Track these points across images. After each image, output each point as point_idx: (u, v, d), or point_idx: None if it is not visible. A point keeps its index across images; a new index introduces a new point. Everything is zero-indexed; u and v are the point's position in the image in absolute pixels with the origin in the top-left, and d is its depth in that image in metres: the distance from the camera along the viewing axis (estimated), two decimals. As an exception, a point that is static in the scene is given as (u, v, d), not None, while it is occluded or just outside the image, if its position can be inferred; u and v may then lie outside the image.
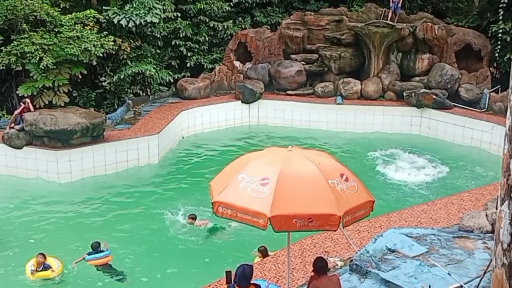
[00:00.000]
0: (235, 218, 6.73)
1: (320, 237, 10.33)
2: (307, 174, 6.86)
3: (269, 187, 6.64)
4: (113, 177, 15.93)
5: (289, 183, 6.71)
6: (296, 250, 9.88)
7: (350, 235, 10.34)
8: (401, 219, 11.27)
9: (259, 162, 7.13)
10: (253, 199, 6.62)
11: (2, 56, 16.34)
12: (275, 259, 9.69)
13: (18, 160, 15.59)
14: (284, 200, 6.59)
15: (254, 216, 6.54)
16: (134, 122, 18.10)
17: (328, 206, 6.66)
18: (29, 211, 13.91)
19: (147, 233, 12.80)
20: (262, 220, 6.48)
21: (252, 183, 6.74)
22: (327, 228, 6.79)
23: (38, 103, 16.65)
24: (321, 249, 9.98)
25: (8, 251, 11.98)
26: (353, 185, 7.11)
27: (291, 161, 7.02)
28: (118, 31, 18.77)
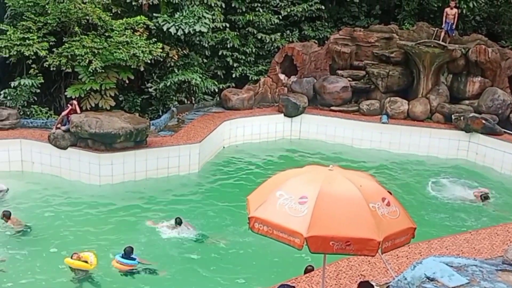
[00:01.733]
0: (270, 235, 6.61)
1: (357, 259, 10.05)
2: (347, 196, 6.69)
3: (307, 206, 6.50)
4: (153, 182, 16.03)
5: (328, 204, 6.55)
6: (331, 271, 9.63)
7: (388, 260, 10.01)
8: (442, 247, 10.85)
9: (299, 180, 7.00)
10: (290, 217, 6.49)
11: (53, 57, 16.75)
12: (309, 279, 9.48)
13: (62, 160, 15.91)
14: (322, 220, 6.43)
15: (290, 235, 6.41)
16: (177, 130, 18.23)
17: (367, 230, 6.47)
18: (69, 210, 14.15)
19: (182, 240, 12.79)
20: (298, 240, 6.34)
21: (290, 201, 6.62)
22: (365, 253, 6.60)
23: (85, 106, 16.97)
24: (358, 272, 9.70)
25: (47, 249, 12.18)
26: (395, 210, 6.90)
27: (332, 181, 6.85)
28: (167, 38, 19.01)
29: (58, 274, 11.18)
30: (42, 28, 17.18)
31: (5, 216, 12.81)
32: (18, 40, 16.63)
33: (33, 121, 17.31)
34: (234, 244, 12.65)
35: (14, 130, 16.66)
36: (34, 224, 13.23)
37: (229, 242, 12.75)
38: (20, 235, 12.70)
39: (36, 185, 15.50)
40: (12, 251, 11.92)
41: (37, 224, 13.24)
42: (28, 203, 14.40)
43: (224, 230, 13.36)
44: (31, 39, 16.68)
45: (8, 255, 11.67)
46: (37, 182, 15.66)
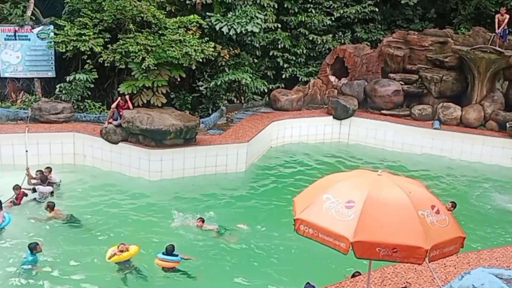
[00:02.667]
0: (316, 238, 6.55)
1: (403, 267, 9.83)
2: (395, 202, 6.57)
3: (354, 211, 6.41)
4: (201, 180, 16.19)
5: (375, 209, 6.45)
6: (376, 277, 9.46)
7: (435, 269, 9.75)
8: (492, 258, 10.47)
9: (346, 184, 6.91)
10: (336, 221, 6.42)
11: (108, 53, 17.18)
12: (354, 284, 9.34)
13: (113, 155, 16.31)
14: (368, 226, 6.34)
15: (336, 239, 6.34)
16: (225, 128, 18.37)
17: (415, 238, 6.35)
18: (118, 204, 14.48)
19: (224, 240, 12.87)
20: (344, 244, 6.26)
21: (337, 205, 6.55)
22: (411, 261, 6.47)
23: (137, 102, 17.31)
24: (403, 280, 9.48)
25: (93, 240, 12.48)
26: (444, 219, 6.74)
27: (380, 186, 6.74)
28: (219, 38, 19.18)
29: (103, 265, 11.43)
30: (98, 25, 17.65)
31: (49, 207, 13.28)
32: (75, 35, 17.16)
33: (86, 115, 17.82)
34: (276, 246, 12.58)
35: (68, 124, 17.21)
36: (83, 215, 13.61)
37: (271, 243, 12.70)
38: (66, 225, 13.07)
39: (87, 178, 15.95)
40: (59, 241, 12.28)
41: (85, 216, 13.62)
42: (78, 195, 14.82)
43: (267, 231, 13.28)
44: (87, 35, 17.17)
45: (54, 245, 12.00)
46: (88, 175, 16.11)
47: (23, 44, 18.23)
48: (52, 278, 10.93)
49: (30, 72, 18.48)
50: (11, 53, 18.24)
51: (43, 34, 18.11)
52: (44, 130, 16.56)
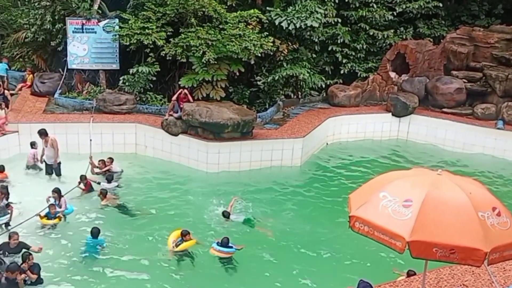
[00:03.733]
0: (371, 236, 6.52)
1: (460, 268, 9.58)
2: (455, 202, 6.43)
3: (411, 210, 6.33)
4: (256, 174, 16.37)
5: (433, 209, 6.34)
6: (432, 278, 9.27)
7: (494, 272, 9.45)
8: (556, 264, 10.03)
9: (404, 182, 6.82)
10: (393, 220, 6.36)
11: (169, 47, 17.57)
12: (408, 284, 9.20)
13: (172, 146, 16.74)
14: (426, 225, 6.25)
15: (392, 238, 6.28)
16: (282, 123, 18.44)
17: (474, 239, 6.20)
18: (175, 194, 14.86)
19: (286, 232, 12.96)
20: (400, 243, 6.20)
21: (394, 203, 6.48)
22: (469, 263, 6.34)
23: (197, 95, 17.62)
24: (460, 282, 9.25)
25: (149, 227, 12.90)
26: (506, 221, 6.54)
27: (439, 185, 6.61)
28: (278, 32, 19.21)
29: (158, 251, 11.86)
30: (161, 19, 18.08)
31: (102, 194, 13.83)
32: (138, 29, 17.66)
33: (148, 107, 18.34)
34: (328, 242, 12.56)
35: (131, 115, 17.78)
36: (140, 203, 14.09)
37: (323, 239, 12.68)
38: (119, 212, 13.57)
39: (147, 168, 16.48)
40: (114, 227, 12.73)
41: (142, 204, 14.09)
42: (138, 184, 15.34)
43: (320, 227, 13.27)
44: (150, 29, 17.64)
45: (110, 231, 12.43)
46: (148, 165, 16.64)
47: (89, 37, 18.97)
48: (111, 261, 11.41)
49: (95, 64, 19.21)
50: (78, 45, 19.02)
51: (108, 27, 18.76)
52: (108, 121, 17.21)
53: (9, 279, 9.46)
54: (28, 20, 20.76)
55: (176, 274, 11.13)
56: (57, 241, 11.95)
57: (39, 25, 20.00)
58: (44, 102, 18.87)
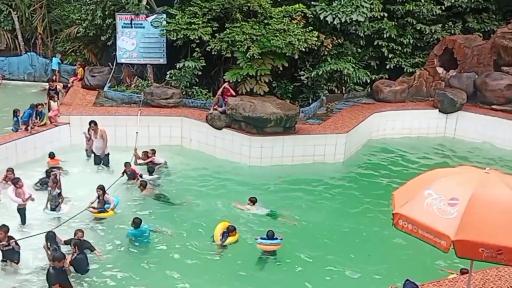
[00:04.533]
0: (415, 234, 6.47)
1: (508, 270, 9.35)
2: (503, 202, 6.30)
3: (457, 209, 6.24)
4: (299, 169, 16.37)
5: (480, 208, 6.24)
6: (477, 279, 9.08)
7: (544, 276, 9.19)
8: None
9: (450, 180, 6.72)
10: (437, 218, 6.29)
11: (215, 42, 17.77)
12: (453, 284, 9.06)
13: (216, 140, 16.96)
14: (472, 225, 6.15)
15: (436, 236, 6.22)
16: (325, 118, 18.36)
17: (523, 241, 6.04)
18: (218, 186, 15.08)
19: (321, 228, 12.97)
20: (445, 242, 6.13)
21: (439, 201, 6.41)
22: (518, 265, 6.18)
23: (241, 90, 17.78)
24: (507, 284, 9.03)
25: (193, 220, 13.13)
26: (558, 223, 6.32)
27: (487, 184, 6.49)
28: (323, 27, 19.11)
29: (202, 244, 12.08)
30: (207, 14, 18.29)
31: (142, 185, 14.19)
32: (185, 24, 17.93)
33: (193, 101, 18.62)
34: (370, 239, 12.49)
35: (177, 109, 18.10)
36: (182, 194, 14.38)
37: (366, 237, 12.61)
38: (160, 203, 13.89)
39: (191, 160, 16.77)
40: (157, 219, 13.02)
41: (184, 195, 14.37)
42: (181, 176, 15.66)
43: (362, 224, 13.18)
44: (196, 24, 17.88)
45: (153, 223, 12.72)
46: (193, 158, 16.93)
47: (138, 31, 19.39)
48: (155, 251, 11.75)
49: (143, 58, 19.64)
50: (127, 40, 19.49)
51: (156, 23, 19.13)
52: (155, 114, 17.60)
53: (56, 268, 9.68)
54: (80, 16, 21.45)
55: (222, 266, 11.33)
56: (102, 232, 12.34)
57: (90, 21, 20.64)
58: (94, 95, 19.47)
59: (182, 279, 10.71)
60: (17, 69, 23.61)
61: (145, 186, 14.19)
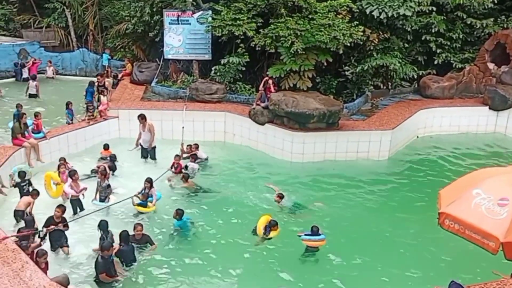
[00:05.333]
0: (461, 235, 6.35)
1: (561, 275, 9.01)
2: (556, 203, 6.07)
3: (507, 209, 6.09)
4: (342, 165, 16.24)
5: (532, 210, 6.03)
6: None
7: None
8: None
9: (500, 180, 6.55)
10: (486, 219, 6.15)
11: (259, 37, 17.81)
12: (501, 287, 8.80)
13: (259, 135, 17.04)
14: (523, 227, 5.96)
15: (484, 237, 6.09)
16: (369, 115, 18.12)
17: None
18: (258, 180, 15.14)
19: (367, 227, 12.84)
20: (493, 244, 5.99)
21: (488, 201, 6.26)
22: None
23: (284, 85, 17.77)
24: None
25: (234, 213, 13.27)
26: None
27: (539, 185, 6.27)
28: (369, 21, 18.81)
29: (243, 237, 12.18)
30: (252, 10, 18.35)
31: (184, 178, 14.43)
32: (230, 20, 18.05)
33: (237, 97, 18.76)
34: (414, 239, 12.23)
35: (221, 104, 18.28)
36: (224, 188, 14.54)
37: (410, 236, 12.36)
38: (204, 197, 14.08)
39: (234, 155, 16.92)
40: (199, 212, 13.22)
41: (227, 189, 14.52)
42: (223, 170, 15.83)
43: (406, 223, 12.92)
44: (241, 20, 17.97)
45: (195, 215, 12.94)
46: (235, 153, 17.09)
47: (184, 28, 19.66)
48: (197, 243, 11.95)
49: (189, 54, 19.91)
50: (174, 36, 19.79)
51: (202, 19, 19.34)
52: (200, 109, 17.84)
53: (104, 257, 9.97)
54: (129, 13, 21.94)
55: (264, 259, 11.40)
56: (146, 225, 12.49)
57: (138, 17, 21.11)
58: (142, 90, 19.92)
59: (224, 269, 10.85)
60: (69, 64, 24.46)
61: (187, 179, 14.42)
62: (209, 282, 10.50)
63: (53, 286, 8.36)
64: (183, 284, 10.41)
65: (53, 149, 15.52)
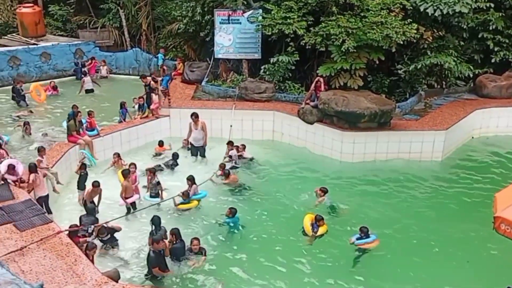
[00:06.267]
0: (517, 240, 6.08)
1: None
2: None
3: None
4: (393, 166, 15.94)
5: None
6: None
7: None
8: None
9: (560, 184, 6.24)
10: (544, 224, 5.86)
11: (310, 36, 17.66)
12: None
13: (308, 134, 16.94)
14: None
15: (541, 243, 5.80)
16: (423, 114, 17.69)
17: None
18: (307, 181, 15.05)
19: (415, 229, 12.56)
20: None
21: (547, 206, 5.97)
22: None
23: (334, 84, 17.58)
24: None
25: (278, 212, 13.33)
26: None
27: None
28: (423, 19, 18.34)
29: (290, 235, 12.23)
30: (303, 8, 18.23)
31: (224, 174, 14.51)
32: (280, 19, 17.99)
33: (286, 96, 18.70)
34: (467, 244, 11.87)
35: (269, 103, 18.28)
36: (271, 187, 14.57)
37: (463, 240, 12.00)
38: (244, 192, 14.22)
39: (282, 154, 16.92)
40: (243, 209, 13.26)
41: (273, 188, 14.55)
42: (270, 168, 15.85)
43: (459, 227, 12.54)
44: (291, 18, 17.88)
45: (242, 213, 12.94)
46: (284, 152, 17.07)
47: (234, 27, 19.77)
48: (246, 240, 12.09)
49: (239, 53, 20.01)
50: (224, 36, 19.94)
51: (252, 18, 19.40)
52: (248, 108, 17.91)
53: (156, 252, 10.14)
54: (181, 12, 22.29)
55: (314, 257, 11.41)
56: (192, 223, 12.74)
57: (190, 17, 21.41)
58: (192, 89, 20.17)
59: (275, 269, 10.94)
60: (123, 63, 25.08)
61: (228, 176, 14.51)
62: (260, 278, 10.58)
63: (104, 280, 8.60)
64: (233, 280, 10.51)
65: (107, 146, 16.00)
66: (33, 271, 8.68)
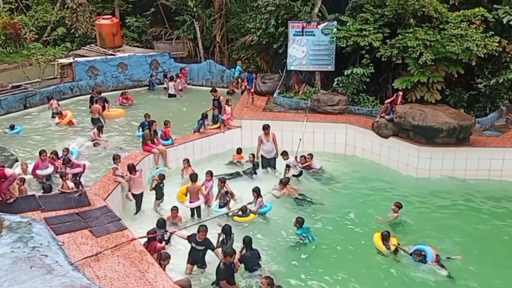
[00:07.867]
0: None
1: None
2: None
3: None
4: (471, 183, 15.31)
5: None
6: None
7: None
8: None
9: None
10: None
11: (385, 48, 17.35)
12: None
13: (382, 149, 16.57)
14: None
15: None
16: (504, 131, 16.90)
17: None
18: (382, 197, 14.69)
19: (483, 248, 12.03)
20: None
21: None
22: None
23: (410, 97, 17.14)
24: None
25: (346, 227, 13.14)
26: None
27: None
28: (505, 31, 17.53)
29: (360, 249, 12.08)
30: (379, 20, 17.98)
31: (282, 183, 14.39)
32: (356, 31, 17.81)
33: (359, 108, 18.42)
34: None
35: (342, 115, 18.05)
36: (340, 201, 14.35)
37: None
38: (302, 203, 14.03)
39: (355, 168, 16.62)
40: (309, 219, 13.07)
41: (344, 202, 14.33)
42: (343, 182, 15.56)
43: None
44: (367, 30, 17.66)
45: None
46: (356, 166, 16.77)
47: (308, 39, 19.76)
48: (309, 250, 11.95)
49: (312, 65, 19.97)
50: (298, 47, 19.97)
51: (327, 30, 19.32)
52: (320, 120, 17.77)
53: (226, 264, 10.09)
54: (255, 25, 22.51)
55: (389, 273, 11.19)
56: (259, 235, 12.66)
57: (263, 29, 21.60)
58: (264, 101, 20.27)
59: (352, 281, 10.83)
60: (197, 75, 25.56)
61: (285, 185, 14.40)
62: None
63: (176, 289, 8.69)
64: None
65: (180, 155, 16.25)
66: (107, 277, 8.87)
